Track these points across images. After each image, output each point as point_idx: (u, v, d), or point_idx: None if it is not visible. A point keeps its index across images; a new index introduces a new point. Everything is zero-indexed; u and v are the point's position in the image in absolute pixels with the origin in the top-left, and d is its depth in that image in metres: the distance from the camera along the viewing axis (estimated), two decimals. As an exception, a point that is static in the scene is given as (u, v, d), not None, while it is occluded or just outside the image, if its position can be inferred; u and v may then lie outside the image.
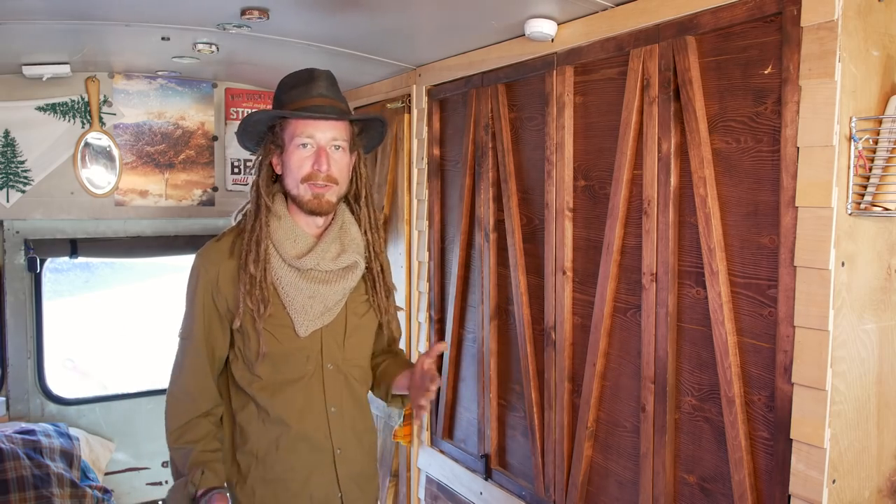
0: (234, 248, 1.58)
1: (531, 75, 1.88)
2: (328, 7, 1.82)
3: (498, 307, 2.07)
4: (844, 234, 1.20)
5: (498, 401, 2.09)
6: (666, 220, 1.50)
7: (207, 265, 1.58)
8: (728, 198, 1.39)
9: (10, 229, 2.67)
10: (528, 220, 1.94)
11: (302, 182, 1.55)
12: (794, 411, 1.25)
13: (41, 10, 1.85)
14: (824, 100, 1.19)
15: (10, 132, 2.58)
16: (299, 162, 1.56)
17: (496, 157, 2.03)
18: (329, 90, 1.60)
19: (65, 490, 2.41)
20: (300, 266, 1.57)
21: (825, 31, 1.18)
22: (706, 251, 1.40)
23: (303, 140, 1.55)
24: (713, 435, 1.44)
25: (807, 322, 1.23)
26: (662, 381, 1.51)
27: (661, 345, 1.52)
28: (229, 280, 1.57)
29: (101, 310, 5.73)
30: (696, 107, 1.41)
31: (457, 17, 1.84)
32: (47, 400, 2.80)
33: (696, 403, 1.47)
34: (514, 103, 1.98)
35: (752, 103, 1.33)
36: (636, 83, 1.55)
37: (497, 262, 2.06)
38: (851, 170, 1.19)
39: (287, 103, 1.58)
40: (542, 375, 1.88)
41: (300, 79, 1.60)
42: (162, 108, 2.84)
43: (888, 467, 1.30)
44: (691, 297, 1.47)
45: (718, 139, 1.40)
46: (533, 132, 1.91)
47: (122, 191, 2.78)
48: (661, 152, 1.50)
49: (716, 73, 1.40)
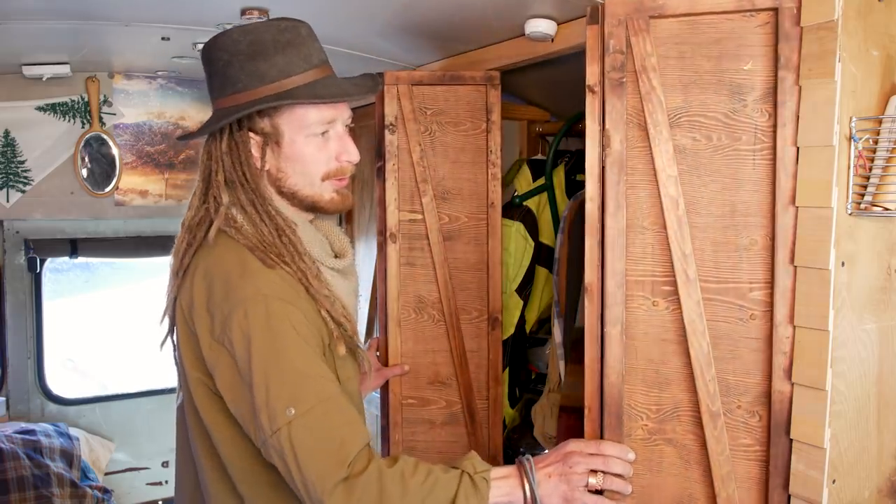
0: (282, 270, 1.23)
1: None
2: (328, 7, 1.82)
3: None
4: (844, 234, 1.20)
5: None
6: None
7: (294, 299, 1.20)
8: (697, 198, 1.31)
9: (10, 229, 2.67)
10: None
11: (323, 180, 1.28)
12: (794, 411, 1.25)
13: (41, 10, 1.85)
14: (824, 100, 1.19)
15: (10, 132, 2.58)
16: (318, 155, 1.26)
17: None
18: (322, 49, 1.29)
19: (65, 490, 2.41)
20: (340, 266, 1.32)
21: (825, 31, 1.18)
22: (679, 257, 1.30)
23: (323, 127, 1.25)
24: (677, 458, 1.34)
25: (807, 322, 1.22)
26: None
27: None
28: (311, 308, 1.23)
29: (101, 310, 5.73)
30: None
31: (457, 17, 1.84)
32: (47, 400, 2.80)
33: (653, 426, 1.35)
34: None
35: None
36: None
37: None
38: (851, 170, 1.19)
39: (280, 76, 1.21)
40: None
41: (282, 37, 1.22)
42: (162, 108, 2.84)
43: (888, 467, 1.30)
44: (646, 308, 1.34)
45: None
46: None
47: (122, 191, 2.78)
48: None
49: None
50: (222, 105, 1.26)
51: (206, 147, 1.30)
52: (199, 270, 1.24)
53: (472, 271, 2.02)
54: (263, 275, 1.19)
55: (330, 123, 1.26)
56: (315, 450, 1.11)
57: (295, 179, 1.28)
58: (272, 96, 1.22)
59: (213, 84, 1.28)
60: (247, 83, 1.22)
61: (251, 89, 1.22)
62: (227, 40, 1.23)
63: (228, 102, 1.25)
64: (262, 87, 1.22)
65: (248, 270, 1.20)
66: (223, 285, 1.19)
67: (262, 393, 1.13)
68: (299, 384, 1.14)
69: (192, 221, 1.30)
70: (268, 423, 1.12)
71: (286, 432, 1.11)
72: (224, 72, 1.24)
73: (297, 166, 1.27)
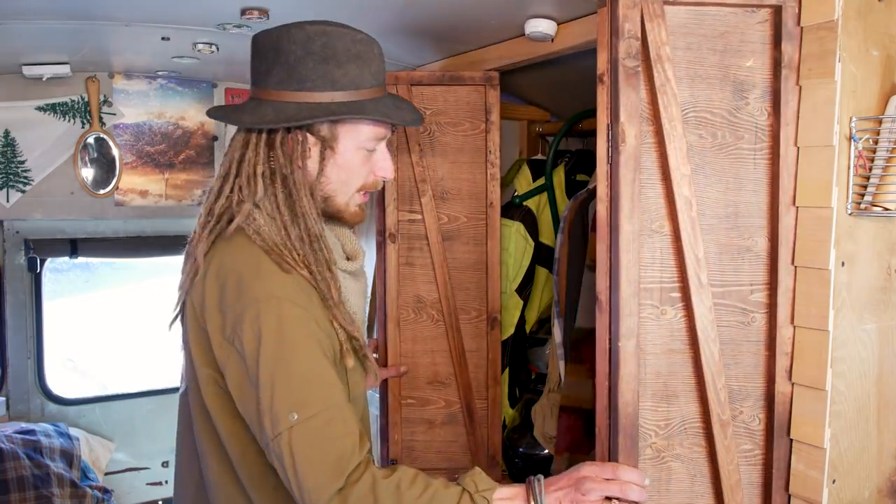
0: (299, 275, 1.21)
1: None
2: (328, 7, 1.82)
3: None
4: (844, 234, 1.20)
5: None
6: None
7: (307, 304, 1.18)
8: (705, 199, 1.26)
9: (10, 229, 2.67)
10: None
11: (358, 191, 1.30)
12: (794, 411, 1.24)
13: (41, 10, 1.85)
14: (824, 100, 1.19)
15: (10, 132, 2.57)
16: (361, 168, 1.27)
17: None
18: (385, 71, 1.30)
19: (65, 490, 2.41)
20: (351, 268, 1.32)
21: (825, 31, 1.18)
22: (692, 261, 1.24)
23: (374, 144, 1.27)
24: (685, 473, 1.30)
25: (807, 322, 1.22)
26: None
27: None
28: (324, 316, 1.22)
29: (101, 310, 5.73)
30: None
31: (457, 18, 1.84)
32: (47, 400, 2.80)
33: (661, 444, 1.29)
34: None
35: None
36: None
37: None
38: (851, 170, 1.19)
39: (350, 85, 1.22)
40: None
41: (354, 48, 1.23)
42: (162, 108, 2.84)
43: (888, 467, 1.30)
44: (654, 317, 1.28)
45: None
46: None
47: (122, 191, 2.78)
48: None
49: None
50: (281, 98, 1.23)
51: (246, 134, 1.26)
52: (213, 268, 1.22)
53: (470, 271, 2.02)
54: (278, 277, 1.18)
55: (380, 140, 1.28)
56: (314, 459, 1.10)
57: (334, 187, 1.27)
58: (345, 105, 1.21)
59: (275, 74, 1.23)
60: (317, 84, 1.21)
61: (322, 91, 1.21)
62: (302, 35, 1.21)
63: (289, 97, 1.22)
64: (333, 92, 1.22)
65: (262, 272, 1.18)
66: (236, 285, 1.18)
67: (267, 395, 1.12)
68: (305, 389, 1.13)
69: (220, 209, 1.25)
70: (270, 426, 1.11)
71: (287, 437, 1.10)
72: (294, 66, 1.21)
73: (343, 174, 1.26)
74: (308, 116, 1.20)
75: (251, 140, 1.25)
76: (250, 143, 1.25)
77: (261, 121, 1.22)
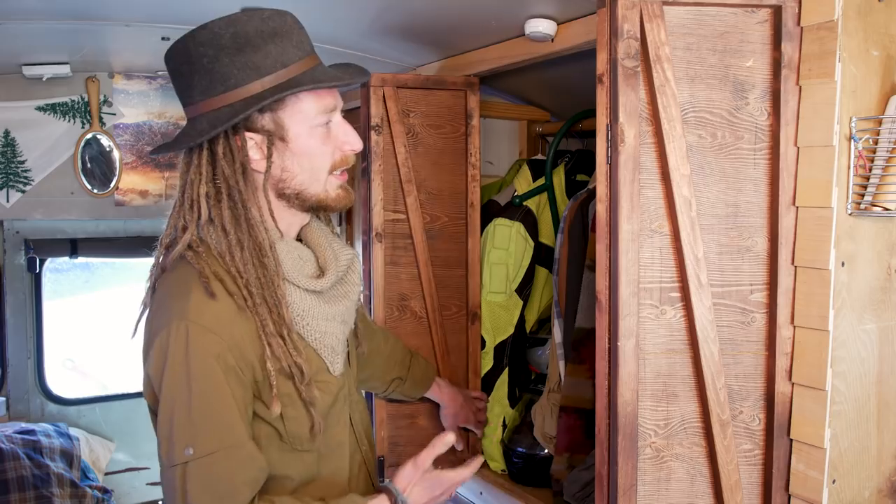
0: (233, 302, 1.13)
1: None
2: (327, 7, 1.82)
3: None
4: (844, 234, 1.20)
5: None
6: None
7: (226, 331, 1.10)
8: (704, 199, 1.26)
9: (10, 229, 2.67)
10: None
11: (330, 172, 1.19)
12: (794, 411, 1.24)
13: (41, 10, 1.85)
14: (824, 100, 1.19)
15: (10, 132, 2.57)
16: (323, 147, 1.17)
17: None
18: (310, 38, 1.20)
19: (65, 490, 2.41)
20: (319, 288, 1.20)
21: (825, 31, 1.18)
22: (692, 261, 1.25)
23: (326, 117, 1.17)
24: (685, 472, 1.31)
25: (807, 322, 1.22)
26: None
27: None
28: (251, 347, 1.13)
29: (101, 310, 5.72)
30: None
31: (457, 18, 1.84)
32: (47, 400, 2.80)
33: (661, 444, 1.30)
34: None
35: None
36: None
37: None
38: (851, 170, 1.19)
39: (276, 66, 1.11)
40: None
41: (266, 26, 1.12)
42: (162, 108, 2.84)
43: (888, 467, 1.30)
44: (654, 317, 1.28)
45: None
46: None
47: (122, 191, 2.78)
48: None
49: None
50: (211, 107, 1.13)
51: (186, 157, 1.18)
52: (155, 299, 1.20)
53: (451, 269, 2.09)
54: (196, 298, 1.10)
55: (332, 112, 1.18)
56: (203, 499, 1.07)
57: (302, 178, 1.18)
58: (275, 87, 1.11)
59: (197, 85, 1.14)
60: (241, 78, 1.11)
61: (247, 84, 1.11)
62: (208, 34, 1.12)
63: (219, 103, 1.13)
64: (259, 81, 1.11)
65: (182, 292, 1.11)
66: (157, 305, 1.16)
67: (166, 421, 1.09)
68: (203, 424, 1.08)
69: (168, 240, 1.22)
70: (166, 455, 1.09)
71: (181, 471, 1.07)
72: (211, 69, 1.12)
73: (305, 162, 1.17)
74: (240, 112, 1.10)
75: (192, 161, 1.17)
76: (192, 165, 1.17)
77: (197, 136, 1.13)
